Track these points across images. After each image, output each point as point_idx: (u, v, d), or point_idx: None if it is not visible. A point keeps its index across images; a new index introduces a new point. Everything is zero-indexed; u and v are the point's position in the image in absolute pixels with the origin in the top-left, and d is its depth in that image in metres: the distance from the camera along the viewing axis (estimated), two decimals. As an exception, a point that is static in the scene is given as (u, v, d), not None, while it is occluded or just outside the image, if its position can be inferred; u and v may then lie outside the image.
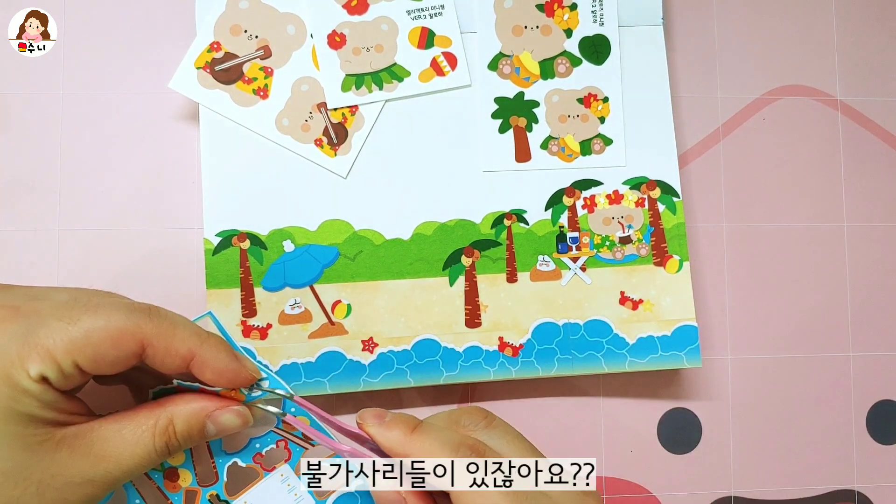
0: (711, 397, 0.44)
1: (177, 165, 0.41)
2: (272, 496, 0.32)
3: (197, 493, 0.32)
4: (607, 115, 0.42)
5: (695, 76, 0.45)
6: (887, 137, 0.46)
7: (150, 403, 0.29)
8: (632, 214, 0.42)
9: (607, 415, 0.43)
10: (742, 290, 0.44)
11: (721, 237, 0.44)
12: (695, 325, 0.41)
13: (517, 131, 0.42)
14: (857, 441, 0.44)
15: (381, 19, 0.41)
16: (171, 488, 0.31)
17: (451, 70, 0.42)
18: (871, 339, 0.45)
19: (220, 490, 0.32)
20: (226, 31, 0.40)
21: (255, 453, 0.32)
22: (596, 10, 0.43)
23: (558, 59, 0.42)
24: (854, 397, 0.45)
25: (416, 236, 0.41)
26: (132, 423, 0.28)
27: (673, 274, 0.41)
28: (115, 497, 0.31)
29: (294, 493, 0.32)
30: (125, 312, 0.27)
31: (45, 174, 0.40)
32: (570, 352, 0.41)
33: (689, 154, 0.44)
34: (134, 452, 0.28)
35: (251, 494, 0.32)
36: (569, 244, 0.42)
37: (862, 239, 0.45)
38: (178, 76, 0.40)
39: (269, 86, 0.40)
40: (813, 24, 0.46)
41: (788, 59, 0.46)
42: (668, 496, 0.43)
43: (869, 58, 0.46)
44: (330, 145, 0.41)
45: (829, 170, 0.45)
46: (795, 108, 0.45)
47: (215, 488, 0.32)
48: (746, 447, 0.44)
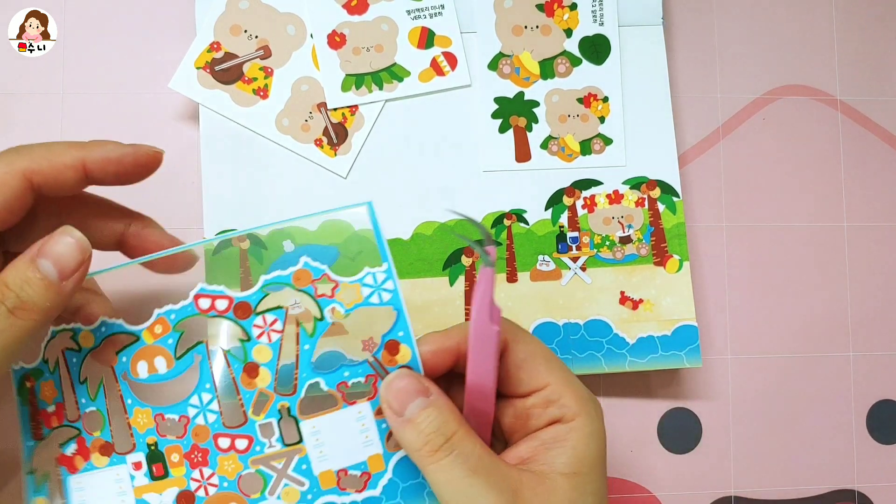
0: (711, 397, 0.44)
1: (177, 165, 0.41)
2: (342, 431, 0.31)
3: (270, 398, 0.30)
4: (607, 114, 0.42)
5: (695, 76, 0.45)
6: (887, 137, 0.46)
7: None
8: (632, 214, 0.42)
9: (607, 415, 0.43)
10: (742, 290, 0.44)
11: (721, 237, 0.44)
12: (695, 324, 0.41)
13: (517, 131, 0.42)
14: (857, 441, 0.44)
15: (381, 19, 0.41)
16: (245, 384, 0.30)
17: (451, 70, 0.42)
18: (871, 339, 0.45)
19: (294, 405, 0.30)
20: (226, 31, 0.40)
21: (342, 381, 0.30)
22: (596, 9, 0.43)
23: (558, 58, 0.42)
24: (854, 397, 0.45)
25: (416, 236, 0.41)
26: None
27: (673, 274, 0.41)
28: (183, 377, 0.30)
29: (365, 434, 0.31)
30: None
31: (45, 174, 0.40)
32: (570, 352, 0.41)
33: (689, 154, 0.44)
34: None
35: (322, 421, 0.30)
36: (569, 244, 0.42)
37: (862, 239, 0.45)
38: (178, 76, 0.40)
39: (269, 86, 0.40)
40: (813, 24, 0.46)
41: (788, 58, 0.46)
42: (668, 496, 0.43)
43: (869, 58, 0.46)
44: (330, 145, 0.41)
45: (829, 170, 0.45)
46: (795, 107, 0.45)
47: (289, 401, 0.30)
48: (746, 447, 0.44)
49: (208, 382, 0.31)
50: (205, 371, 0.31)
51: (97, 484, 0.31)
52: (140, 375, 0.31)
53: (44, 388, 0.31)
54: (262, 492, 0.31)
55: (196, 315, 0.31)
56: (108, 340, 0.31)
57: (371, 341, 0.30)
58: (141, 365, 0.31)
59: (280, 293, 0.31)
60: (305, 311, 0.31)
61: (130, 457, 0.31)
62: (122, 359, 0.31)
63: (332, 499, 0.30)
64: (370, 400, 0.30)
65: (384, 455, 0.30)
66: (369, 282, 0.31)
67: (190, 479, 0.31)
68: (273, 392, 0.30)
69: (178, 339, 0.31)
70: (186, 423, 0.30)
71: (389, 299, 0.30)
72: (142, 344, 0.31)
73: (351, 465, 0.31)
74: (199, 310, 0.30)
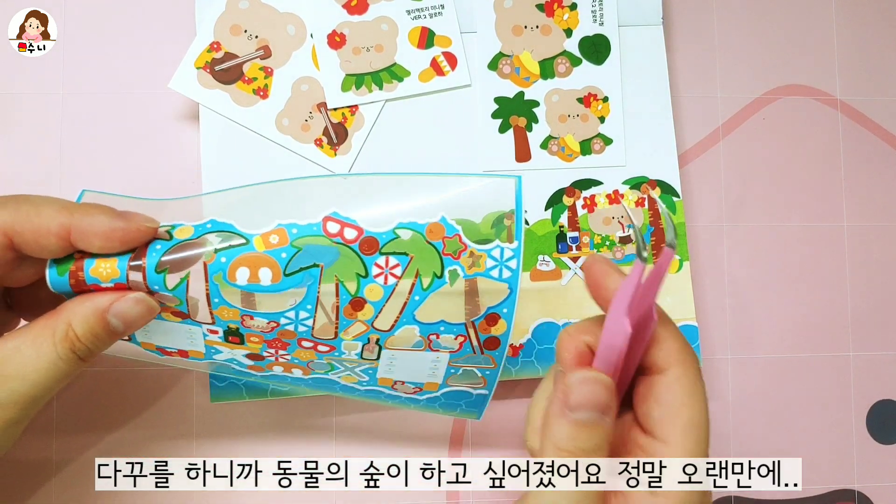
0: (711, 397, 0.43)
1: (177, 165, 0.41)
2: (415, 364, 0.32)
3: (365, 329, 0.31)
4: (607, 114, 0.42)
5: (695, 76, 0.45)
6: (887, 137, 0.46)
7: (47, 314, 0.28)
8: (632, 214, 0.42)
9: (607, 415, 0.43)
10: (742, 290, 0.44)
11: (721, 237, 0.44)
12: (695, 325, 0.41)
13: (517, 131, 0.42)
14: (857, 441, 0.44)
15: (381, 19, 0.41)
16: (348, 314, 0.30)
17: (451, 70, 0.42)
18: (871, 339, 0.45)
19: (384, 339, 0.31)
20: (226, 31, 0.40)
21: (435, 332, 0.31)
22: (596, 9, 0.43)
23: (558, 58, 0.42)
24: (854, 397, 0.45)
25: (416, 236, 0.41)
26: (29, 338, 0.27)
27: (673, 274, 0.41)
28: (285, 293, 0.29)
29: (433, 371, 0.32)
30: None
31: (45, 174, 0.40)
32: (570, 352, 0.41)
33: (689, 154, 0.44)
34: (38, 366, 0.27)
35: (402, 354, 0.31)
36: (569, 244, 0.41)
37: (862, 239, 0.45)
38: (178, 76, 0.40)
39: (269, 86, 0.40)
40: (813, 24, 0.46)
41: (788, 59, 0.46)
42: (668, 496, 0.43)
43: (869, 58, 0.46)
44: (330, 145, 0.41)
45: (829, 170, 0.45)
46: (795, 107, 0.45)
47: (381, 335, 0.31)
48: (746, 447, 0.44)
49: (311, 304, 0.30)
50: (311, 293, 0.30)
51: (166, 327, 0.31)
52: (237, 281, 0.29)
53: (100, 265, 0.28)
54: (326, 372, 0.32)
55: (320, 236, 0.29)
56: (207, 236, 0.29)
57: (476, 308, 0.31)
58: (241, 271, 0.29)
59: (408, 240, 0.30)
60: (427, 266, 0.30)
61: (207, 326, 0.30)
62: (220, 258, 0.29)
63: (383, 391, 0.33)
64: (451, 353, 0.32)
65: (441, 385, 0.33)
66: (496, 255, 0.30)
67: (264, 351, 0.31)
68: (370, 326, 0.31)
69: (293, 256, 0.29)
70: (275, 326, 0.30)
71: (508, 277, 0.30)
72: (250, 249, 0.29)
73: (409, 381, 0.33)
74: (326, 233, 0.29)
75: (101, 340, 0.28)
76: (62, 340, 0.27)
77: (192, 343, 0.32)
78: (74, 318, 0.27)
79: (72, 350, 0.27)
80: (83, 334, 0.27)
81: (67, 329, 0.27)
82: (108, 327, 0.28)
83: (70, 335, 0.27)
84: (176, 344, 0.32)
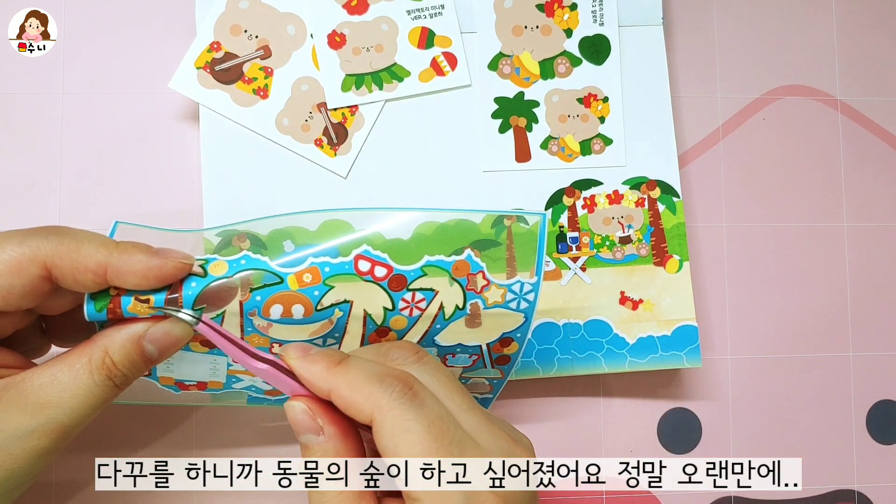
0: (711, 397, 0.44)
1: (177, 165, 0.41)
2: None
3: None
4: (607, 114, 0.42)
5: (695, 76, 0.45)
6: (887, 137, 0.46)
7: (83, 342, 0.28)
8: (632, 214, 0.42)
9: (607, 415, 0.43)
10: (742, 290, 0.44)
11: (721, 237, 0.44)
12: (695, 325, 0.41)
13: (517, 131, 0.42)
14: (857, 441, 0.44)
15: (381, 19, 0.41)
16: (372, 341, 0.32)
17: (451, 70, 0.42)
18: (871, 339, 0.45)
19: None
20: (226, 31, 0.40)
21: (451, 353, 0.33)
22: (596, 10, 0.43)
23: (558, 58, 0.42)
24: (854, 397, 0.45)
25: (416, 236, 0.41)
26: (66, 365, 0.27)
27: (673, 274, 0.41)
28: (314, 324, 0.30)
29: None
30: (18, 238, 0.26)
31: (45, 174, 0.40)
32: (570, 352, 0.41)
33: (689, 154, 0.44)
34: (75, 394, 0.27)
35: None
36: (569, 244, 0.42)
37: (862, 239, 0.45)
38: (178, 76, 0.40)
39: (269, 86, 0.40)
40: (813, 24, 0.46)
41: (788, 59, 0.46)
42: (669, 495, 0.43)
43: (869, 58, 0.46)
44: (330, 145, 0.41)
45: (829, 170, 0.45)
46: (795, 108, 0.45)
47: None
48: (746, 447, 0.44)
49: (339, 333, 0.31)
50: (340, 325, 0.31)
51: (191, 357, 0.31)
52: (270, 317, 0.30)
53: (137, 305, 0.28)
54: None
55: (351, 274, 0.30)
56: (242, 274, 0.29)
57: (492, 333, 0.33)
58: (275, 308, 0.30)
59: (435, 278, 0.31)
60: (450, 299, 0.32)
61: None
62: (255, 297, 0.29)
63: None
64: (465, 368, 0.33)
65: None
66: (516, 289, 0.32)
67: None
68: None
69: (324, 294, 0.30)
70: None
71: (526, 308, 0.33)
72: (284, 288, 0.30)
73: None
74: (358, 271, 0.30)
75: (137, 367, 0.29)
76: (99, 368, 0.27)
77: (213, 373, 0.32)
78: (112, 345, 0.28)
79: (108, 377, 0.28)
80: (120, 361, 0.28)
81: (104, 356, 0.28)
82: (143, 354, 0.28)
83: (107, 362, 0.28)
84: (197, 375, 0.33)
